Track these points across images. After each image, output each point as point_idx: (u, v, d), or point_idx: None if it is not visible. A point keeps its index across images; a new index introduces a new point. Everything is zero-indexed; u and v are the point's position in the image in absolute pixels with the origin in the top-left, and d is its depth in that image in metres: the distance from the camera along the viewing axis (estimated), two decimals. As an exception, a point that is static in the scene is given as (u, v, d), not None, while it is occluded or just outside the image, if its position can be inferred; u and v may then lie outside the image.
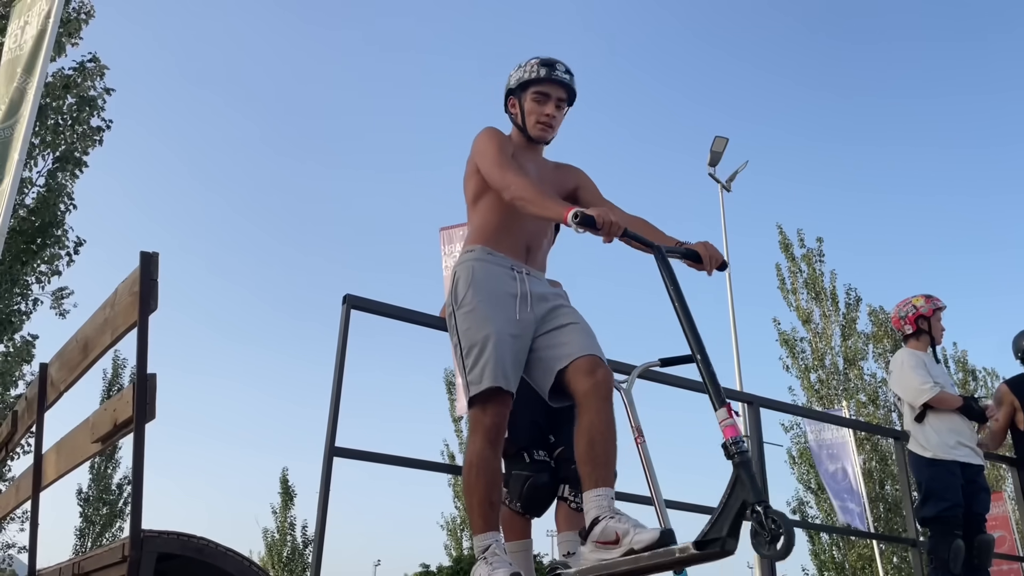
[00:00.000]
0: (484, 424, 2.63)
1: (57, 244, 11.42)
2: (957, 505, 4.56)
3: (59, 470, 3.52)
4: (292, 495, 28.10)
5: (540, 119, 2.95)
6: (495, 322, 2.69)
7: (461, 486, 2.71)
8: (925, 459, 4.71)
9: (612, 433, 2.60)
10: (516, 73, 3.00)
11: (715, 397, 2.29)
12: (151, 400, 2.61)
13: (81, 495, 25.20)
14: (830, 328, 20.80)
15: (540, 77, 2.93)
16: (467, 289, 2.76)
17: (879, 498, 19.05)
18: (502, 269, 2.81)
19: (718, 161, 16.85)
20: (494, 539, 2.59)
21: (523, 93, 2.97)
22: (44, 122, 11.39)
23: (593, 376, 2.61)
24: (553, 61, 2.96)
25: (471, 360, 2.66)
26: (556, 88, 2.94)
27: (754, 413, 4.49)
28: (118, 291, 2.97)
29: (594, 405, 2.58)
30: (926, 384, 4.75)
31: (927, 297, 5.00)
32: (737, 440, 2.20)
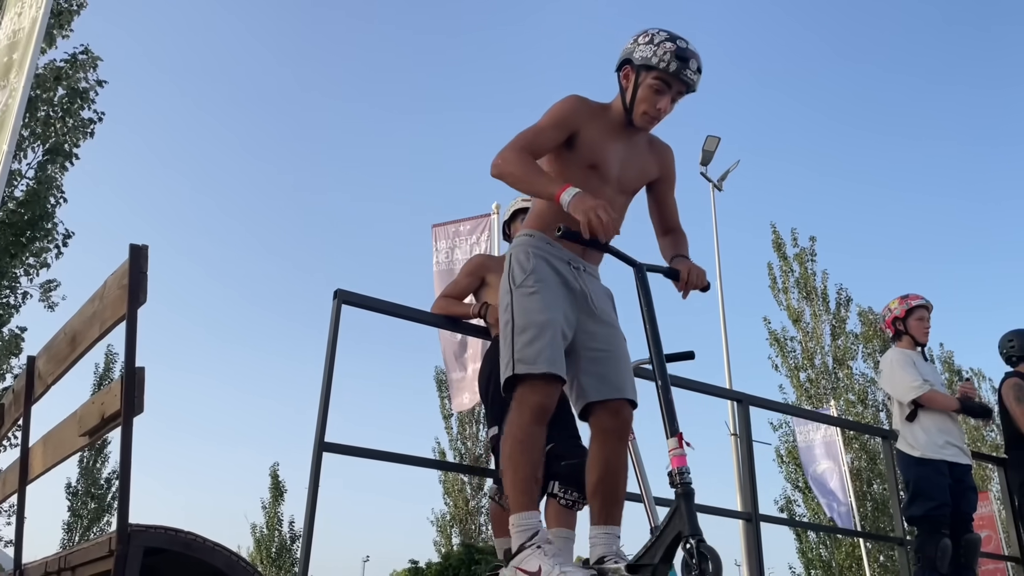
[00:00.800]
0: (533, 402, 2.51)
1: (47, 237, 11.36)
2: (945, 504, 4.59)
3: (46, 463, 3.50)
4: (282, 491, 28.05)
5: (651, 111, 2.72)
6: (555, 311, 2.59)
7: (501, 462, 2.60)
8: (913, 458, 4.73)
9: (626, 473, 2.69)
10: (644, 48, 2.70)
11: (668, 425, 2.35)
12: (139, 394, 2.59)
13: (69, 489, 25.11)
14: (820, 328, 20.88)
15: (669, 71, 2.67)
16: (528, 272, 2.64)
17: (866, 497, 19.15)
18: (560, 262, 2.71)
19: (710, 160, 16.87)
20: (538, 520, 2.49)
21: (644, 72, 2.70)
22: (34, 114, 11.32)
23: (619, 417, 2.65)
24: (688, 55, 2.68)
25: (525, 339, 2.53)
26: (680, 84, 2.71)
27: (743, 411, 4.50)
28: (107, 284, 2.95)
29: (613, 444, 2.64)
30: (915, 382, 4.77)
31: (902, 298, 5.01)
32: (682, 470, 2.26)
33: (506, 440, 2.55)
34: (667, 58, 2.66)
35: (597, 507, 2.60)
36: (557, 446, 3.24)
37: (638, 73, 2.71)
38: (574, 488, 3.25)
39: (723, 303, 15.68)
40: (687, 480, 2.24)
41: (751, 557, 4.30)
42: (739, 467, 13.58)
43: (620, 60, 2.78)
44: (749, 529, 4.31)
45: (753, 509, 4.31)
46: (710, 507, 4.31)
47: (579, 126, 2.70)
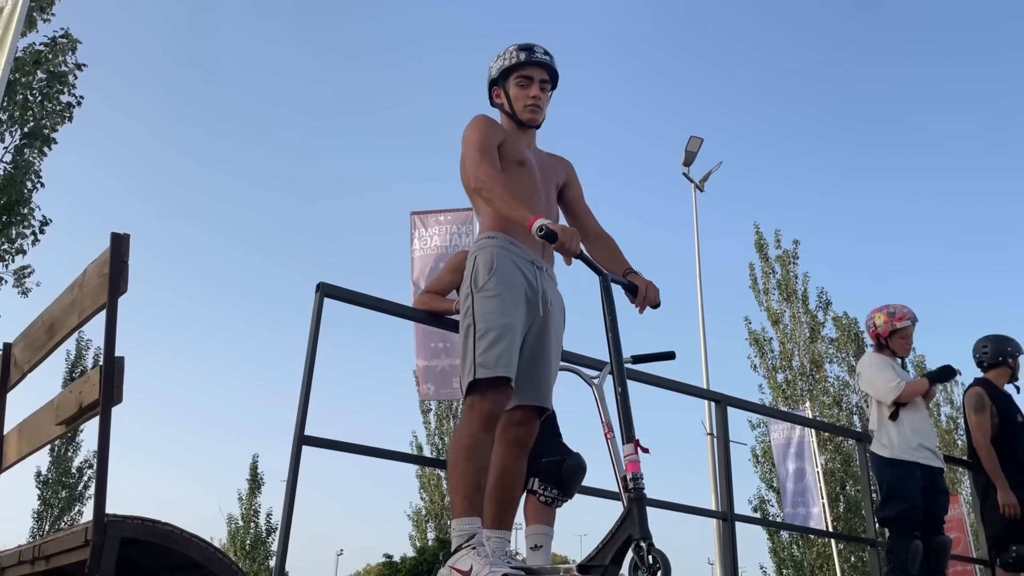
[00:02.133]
0: (484, 408, 2.60)
1: (23, 223, 11.21)
2: (917, 507, 4.64)
3: (20, 452, 3.47)
4: (260, 483, 27.90)
5: (527, 102, 2.98)
6: (515, 315, 2.71)
7: (448, 467, 2.66)
8: (886, 460, 4.78)
9: (522, 481, 2.87)
10: (496, 63, 3.04)
11: (625, 431, 2.44)
12: (118, 383, 2.57)
13: (40, 478, 24.82)
14: (799, 330, 21.06)
15: (520, 62, 2.98)
16: (490, 275, 2.74)
17: (839, 498, 19.35)
18: (523, 261, 2.82)
19: (692, 161, 16.97)
20: (478, 526, 2.56)
21: (506, 81, 3.01)
22: (12, 98, 11.16)
23: (527, 427, 2.80)
24: (531, 45, 3.01)
25: (485, 343, 2.62)
26: (538, 70, 3.00)
27: (721, 412, 4.54)
28: (87, 272, 2.92)
29: (513, 452, 2.79)
30: (893, 382, 4.81)
31: (888, 315, 4.96)
32: (636, 476, 2.35)
33: (454, 446, 2.63)
34: (514, 54, 3.00)
35: (491, 512, 2.74)
36: (537, 444, 3.25)
37: (503, 85, 3.03)
38: (554, 485, 3.27)
39: (702, 303, 15.80)
40: (640, 485, 2.34)
41: (725, 556, 4.34)
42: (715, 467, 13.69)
43: (488, 87, 3.10)
44: (725, 529, 4.34)
45: (729, 509, 4.35)
46: (685, 506, 4.35)
47: (500, 137, 2.94)
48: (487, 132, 2.89)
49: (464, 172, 2.91)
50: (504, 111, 3.05)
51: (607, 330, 2.60)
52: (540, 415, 2.84)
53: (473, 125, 2.91)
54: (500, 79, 3.02)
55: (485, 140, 2.86)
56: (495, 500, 2.75)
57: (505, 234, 2.83)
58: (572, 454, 3.33)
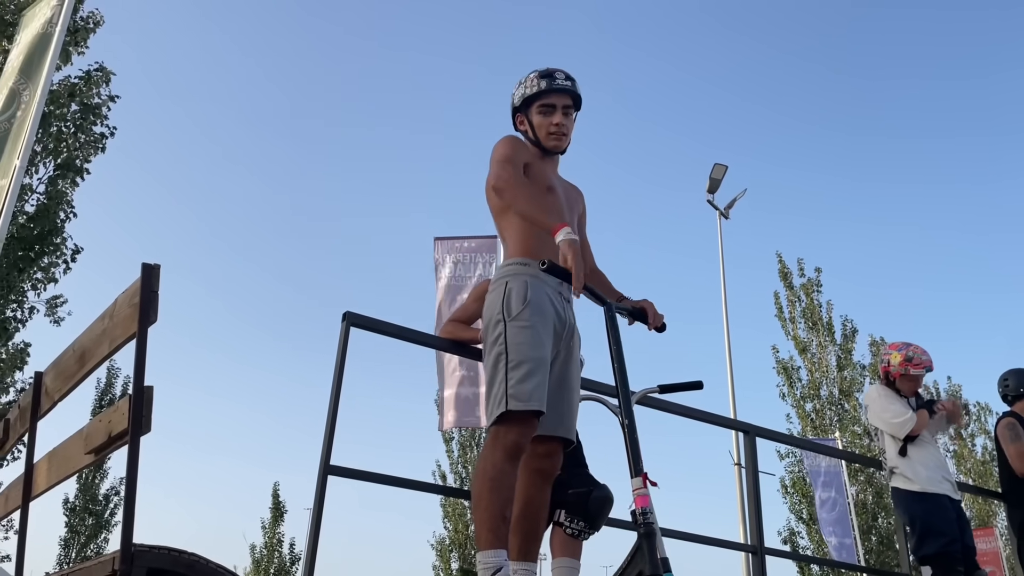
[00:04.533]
0: (509, 440, 2.57)
1: (55, 252, 11.40)
2: (956, 540, 4.50)
3: (50, 480, 3.49)
4: (283, 511, 27.88)
5: (550, 129, 2.96)
6: (547, 348, 2.69)
7: (472, 499, 2.60)
8: (915, 494, 4.63)
9: (546, 512, 2.86)
10: (518, 91, 3.02)
11: (633, 465, 2.39)
12: (147, 413, 2.59)
13: (67, 505, 24.99)
14: (826, 358, 20.81)
15: (542, 89, 2.95)
16: (524, 305, 2.70)
17: (872, 531, 18.97)
18: (553, 292, 2.81)
19: (717, 188, 16.92)
20: (504, 559, 2.52)
21: (528, 109, 2.98)
22: (47, 129, 11.40)
23: (552, 459, 2.79)
24: (552, 71, 2.97)
25: (519, 375, 2.58)
26: (560, 96, 2.96)
27: (750, 442, 4.47)
28: (117, 302, 2.95)
29: (537, 483, 2.78)
30: (903, 415, 4.69)
31: (905, 359, 4.81)
32: (645, 511, 2.30)
33: (478, 476, 2.59)
34: (535, 82, 2.97)
35: (517, 544, 2.72)
36: (563, 474, 3.22)
37: (526, 113, 3.00)
38: (581, 518, 3.23)
39: (728, 332, 15.65)
40: (650, 520, 2.29)
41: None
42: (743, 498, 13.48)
43: (511, 114, 3.07)
44: (755, 562, 4.26)
45: (759, 542, 4.27)
46: (714, 539, 4.27)
47: (527, 158, 2.92)
48: (515, 149, 2.88)
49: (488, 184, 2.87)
50: (528, 138, 3.02)
51: (613, 359, 2.56)
52: (565, 446, 2.82)
53: (501, 143, 2.91)
54: (522, 107, 3.00)
55: (512, 154, 2.84)
56: (520, 532, 2.73)
57: (533, 259, 2.80)
58: (599, 486, 3.29)
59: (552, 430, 2.75)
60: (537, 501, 2.76)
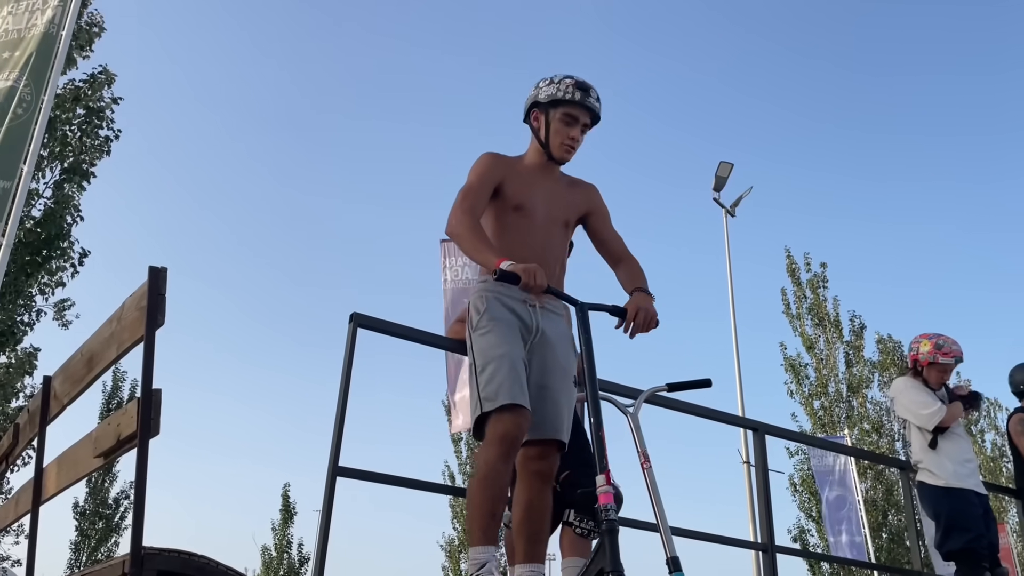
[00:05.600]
0: (498, 435, 2.62)
1: (63, 256, 11.44)
2: (982, 536, 4.45)
3: (60, 484, 3.50)
4: (293, 512, 27.92)
5: (566, 141, 2.95)
6: (510, 344, 2.74)
7: (467, 498, 2.70)
8: (941, 489, 4.57)
9: (548, 514, 2.81)
10: (547, 88, 2.96)
11: (598, 463, 2.43)
12: (156, 416, 2.59)
13: (77, 508, 25.07)
14: (834, 355, 20.73)
15: (574, 100, 2.91)
16: (483, 314, 2.82)
17: (882, 528, 18.90)
18: (514, 301, 2.85)
19: (723, 186, 16.90)
20: (492, 555, 2.59)
21: (552, 110, 2.95)
22: (53, 134, 11.44)
23: (547, 460, 2.79)
24: (588, 85, 2.95)
25: (485, 377, 2.68)
26: (585, 113, 2.95)
27: (759, 440, 4.46)
28: (125, 305, 2.96)
29: (536, 486, 2.77)
30: (933, 406, 4.65)
31: (935, 347, 4.76)
32: (608, 508, 2.34)
33: (472, 476, 2.67)
34: (570, 90, 2.92)
35: (521, 546, 2.73)
36: (572, 474, 3.22)
37: (547, 111, 2.96)
38: (590, 517, 3.22)
39: (736, 330, 15.63)
40: (612, 517, 2.34)
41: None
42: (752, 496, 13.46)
43: (527, 106, 3.03)
44: (765, 560, 4.24)
45: (769, 540, 4.25)
46: (724, 537, 4.26)
47: (500, 177, 2.93)
48: (486, 174, 2.90)
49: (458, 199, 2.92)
50: (537, 137, 3.00)
51: (583, 359, 2.60)
52: (560, 448, 2.83)
53: (476, 163, 2.94)
54: (547, 105, 2.96)
55: (480, 183, 2.87)
56: (524, 535, 2.74)
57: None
58: (608, 485, 3.28)
59: (540, 433, 2.77)
60: (537, 504, 2.77)
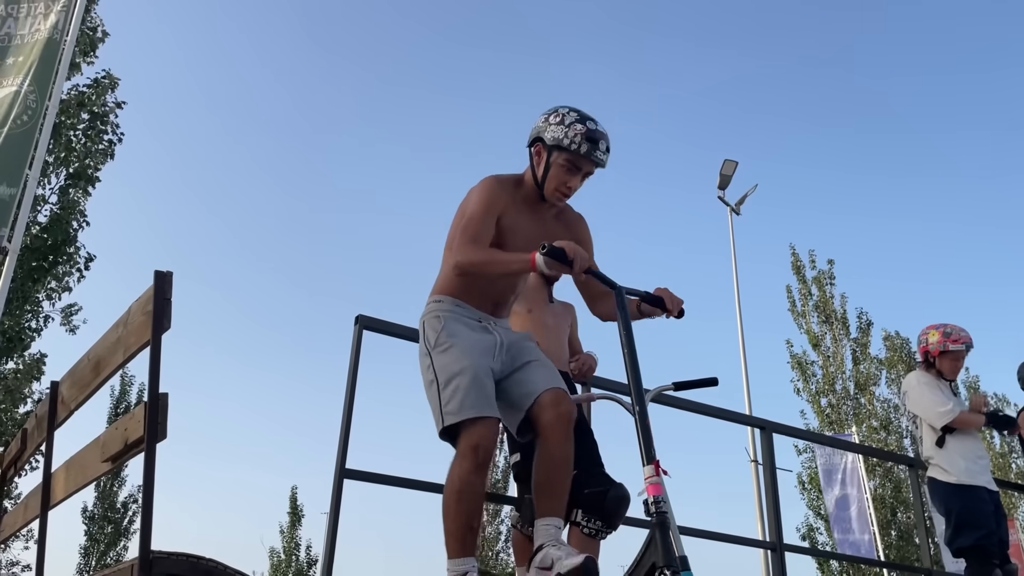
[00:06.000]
0: (467, 447, 2.53)
1: (69, 261, 11.49)
2: (992, 533, 4.42)
3: (68, 489, 3.51)
4: (300, 515, 27.97)
5: (561, 188, 2.80)
6: (472, 356, 2.65)
7: (441, 510, 2.59)
8: (952, 486, 4.53)
9: (570, 467, 2.63)
10: (554, 129, 2.77)
11: (645, 452, 2.32)
12: (163, 420, 2.59)
13: (86, 513, 25.16)
14: (841, 352, 20.69)
15: (580, 153, 2.74)
16: (439, 332, 2.72)
17: (891, 525, 18.85)
18: (471, 320, 2.79)
19: (727, 184, 16.88)
20: (471, 565, 2.53)
21: (555, 151, 2.77)
22: (58, 140, 11.50)
23: (557, 409, 2.62)
24: (599, 136, 2.75)
25: (449, 392, 2.58)
26: (590, 164, 2.79)
27: (767, 439, 4.45)
28: (131, 310, 2.96)
29: (556, 437, 2.61)
30: (946, 405, 4.59)
31: (944, 335, 4.73)
32: (658, 499, 2.22)
33: (445, 489, 2.57)
34: (578, 140, 2.72)
35: (540, 502, 2.61)
36: (580, 474, 3.21)
37: (550, 152, 2.78)
38: (598, 517, 3.22)
39: (742, 327, 15.61)
40: (663, 509, 2.21)
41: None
42: (760, 495, 13.43)
43: (532, 136, 2.86)
44: (774, 559, 4.23)
45: (777, 539, 4.25)
46: (732, 536, 4.25)
47: (502, 206, 2.79)
48: (491, 200, 2.77)
49: (450, 240, 2.82)
50: (533, 173, 2.85)
51: (623, 346, 2.48)
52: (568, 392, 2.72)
53: (477, 191, 2.79)
54: (550, 145, 2.78)
55: (483, 212, 2.73)
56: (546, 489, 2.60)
57: (451, 296, 2.80)
58: (615, 484, 3.27)
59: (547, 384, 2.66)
60: (559, 455, 2.60)
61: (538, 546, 2.51)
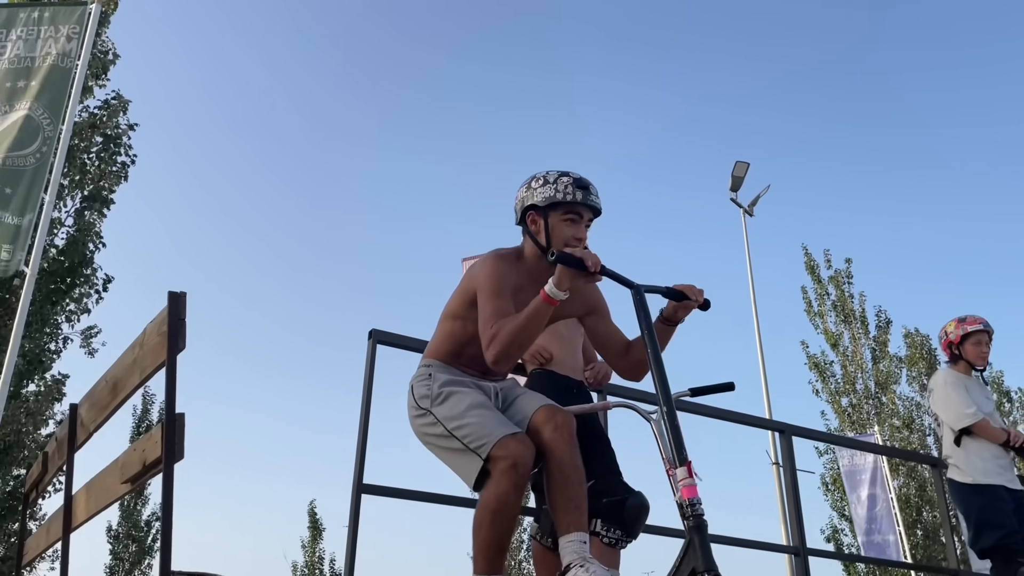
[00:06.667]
0: (509, 466, 2.46)
1: (87, 283, 11.59)
2: (1015, 531, 4.35)
3: (89, 511, 3.53)
4: (320, 528, 28.01)
5: (571, 242, 2.73)
6: (474, 395, 2.64)
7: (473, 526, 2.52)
8: (970, 486, 4.50)
9: (581, 475, 2.56)
10: (542, 189, 2.75)
11: (676, 454, 2.25)
12: (179, 440, 2.60)
13: (111, 532, 25.33)
14: (860, 351, 20.53)
15: (576, 201, 2.72)
16: (431, 387, 2.71)
17: (916, 525, 18.65)
18: (465, 376, 2.78)
19: (739, 186, 16.81)
20: None
21: (552, 211, 2.74)
22: (72, 163, 11.61)
23: (552, 422, 2.58)
24: (587, 183, 2.76)
25: (466, 429, 2.54)
26: (588, 210, 2.76)
27: (786, 442, 4.42)
28: (146, 331, 2.98)
29: (560, 449, 2.56)
30: (969, 408, 4.56)
31: (959, 321, 4.78)
32: (694, 502, 2.16)
33: (480, 505, 2.51)
34: (570, 190, 2.71)
35: (561, 518, 2.53)
36: (598, 483, 3.19)
37: (546, 214, 2.74)
38: (617, 526, 3.20)
39: (759, 329, 15.51)
40: (699, 512, 2.14)
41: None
42: (783, 498, 13.31)
43: (520, 208, 2.81)
44: (798, 564, 4.19)
45: (800, 543, 4.21)
46: (755, 542, 4.22)
47: (513, 282, 2.73)
48: (504, 279, 2.70)
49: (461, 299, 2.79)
50: (536, 242, 2.78)
51: (646, 344, 2.42)
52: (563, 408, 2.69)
53: (488, 271, 2.73)
54: (544, 207, 2.74)
55: (503, 291, 2.67)
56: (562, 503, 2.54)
57: (440, 361, 2.78)
58: (634, 493, 3.25)
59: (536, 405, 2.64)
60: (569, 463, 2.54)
61: (566, 566, 2.44)
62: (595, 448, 3.36)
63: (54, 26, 5.70)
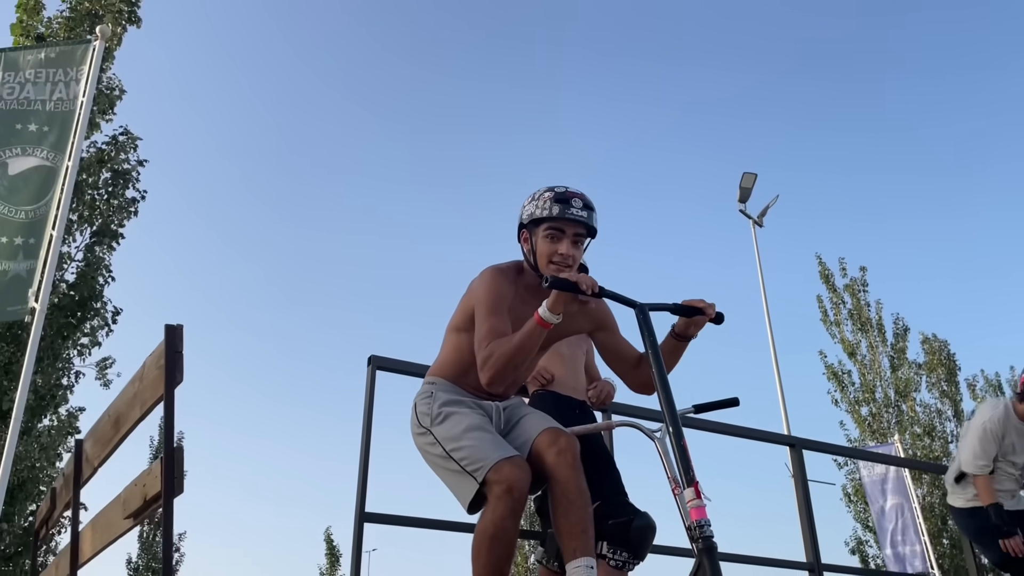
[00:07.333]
0: (504, 491, 2.44)
1: (97, 317, 11.66)
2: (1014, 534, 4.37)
3: (95, 547, 3.52)
4: (338, 555, 27.92)
5: (554, 259, 2.69)
6: (473, 416, 2.62)
7: (471, 553, 2.49)
8: (963, 510, 4.55)
9: (586, 498, 2.52)
10: (528, 206, 2.75)
11: (684, 475, 2.21)
12: (179, 475, 2.59)
13: (131, 564, 25.33)
14: (878, 360, 20.33)
15: (553, 216, 2.67)
16: (432, 407, 2.69)
17: (942, 534, 18.37)
18: (466, 396, 2.76)
19: (748, 197, 16.76)
20: None
21: (536, 228, 2.72)
22: (81, 198, 11.72)
23: (556, 445, 2.55)
24: (568, 196, 2.70)
25: (463, 452, 2.53)
26: (571, 225, 2.69)
27: (797, 456, 4.36)
28: (145, 364, 2.98)
29: (563, 472, 2.52)
30: (981, 461, 4.52)
31: None
32: (702, 523, 2.12)
33: (477, 532, 2.48)
34: (547, 205, 2.68)
35: (567, 544, 2.48)
36: (604, 505, 3.16)
37: (531, 231, 2.73)
38: (624, 548, 3.16)
39: (773, 341, 15.40)
40: (708, 533, 2.11)
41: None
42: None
43: (517, 227, 2.82)
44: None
45: (815, 558, 4.14)
46: (768, 559, 4.16)
47: (510, 297, 2.71)
48: (501, 294, 2.69)
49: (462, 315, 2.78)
50: (527, 260, 2.78)
51: (651, 362, 2.37)
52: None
53: (486, 286, 2.71)
54: (530, 225, 2.74)
55: (499, 307, 2.65)
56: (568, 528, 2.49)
57: (445, 380, 2.77)
58: (640, 514, 3.21)
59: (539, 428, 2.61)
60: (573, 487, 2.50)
61: None
62: (600, 469, 3.33)
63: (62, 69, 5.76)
